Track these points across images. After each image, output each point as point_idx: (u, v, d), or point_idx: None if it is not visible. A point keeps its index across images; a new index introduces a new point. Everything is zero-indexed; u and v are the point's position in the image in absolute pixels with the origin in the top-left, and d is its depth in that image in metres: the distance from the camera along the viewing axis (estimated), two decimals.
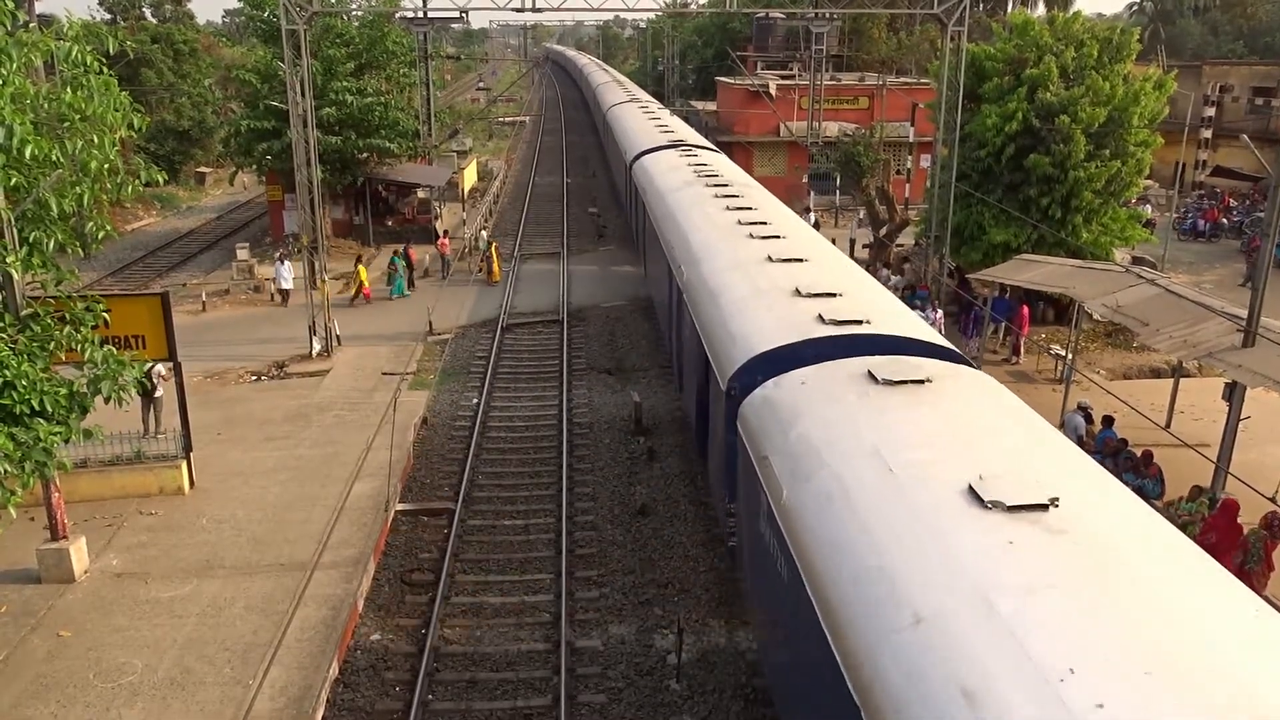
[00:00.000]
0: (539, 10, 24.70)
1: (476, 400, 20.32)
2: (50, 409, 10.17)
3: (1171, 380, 19.07)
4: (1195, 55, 63.24)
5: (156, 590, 13.14)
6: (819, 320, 11.80)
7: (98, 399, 10.81)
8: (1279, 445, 17.08)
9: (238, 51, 61.82)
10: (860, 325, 11.52)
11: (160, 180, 12.50)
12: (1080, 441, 16.59)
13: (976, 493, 7.14)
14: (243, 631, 12.21)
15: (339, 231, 35.12)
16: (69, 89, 10.45)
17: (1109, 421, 16.47)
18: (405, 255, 29.76)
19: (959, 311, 24.63)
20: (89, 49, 10.60)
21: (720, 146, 36.27)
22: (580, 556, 14.37)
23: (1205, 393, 18.70)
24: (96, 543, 14.16)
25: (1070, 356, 20.54)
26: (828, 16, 32.28)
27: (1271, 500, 13.29)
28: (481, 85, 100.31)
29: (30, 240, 10.71)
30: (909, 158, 42.02)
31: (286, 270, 27.59)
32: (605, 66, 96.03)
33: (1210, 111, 44.02)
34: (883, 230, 29.19)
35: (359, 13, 35.07)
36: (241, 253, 31.88)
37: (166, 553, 14.10)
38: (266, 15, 32.44)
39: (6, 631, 12.26)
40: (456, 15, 29.24)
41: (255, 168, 36.05)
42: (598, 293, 28.89)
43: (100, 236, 11.68)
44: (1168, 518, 10.13)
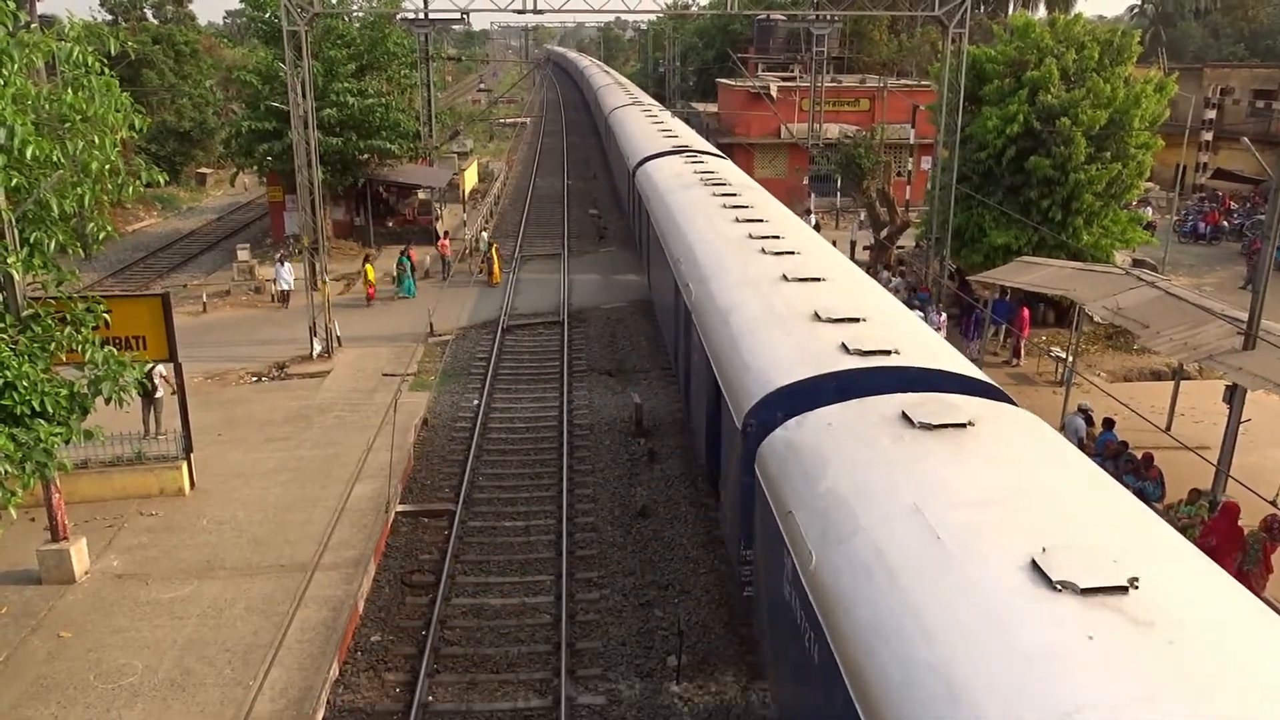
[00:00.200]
0: (540, 12, 24.69)
1: (477, 401, 20.33)
2: (51, 410, 10.18)
3: (1172, 383, 19.06)
4: (1196, 58, 63.25)
5: (157, 591, 13.15)
6: (843, 350, 11.07)
7: (98, 400, 10.81)
8: (1279, 448, 17.08)
9: (239, 52, 61.87)
10: (888, 356, 10.82)
11: (161, 181, 12.51)
12: (1081, 444, 16.61)
13: (1042, 569, 6.28)
14: (243, 632, 12.22)
15: (340, 233, 35.13)
16: (70, 90, 10.43)
17: (1109, 424, 16.48)
18: (407, 256, 29.77)
19: (960, 314, 24.64)
20: (90, 50, 10.60)
21: (721, 148, 36.28)
22: (581, 558, 14.38)
23: (1206, 395, 18.69)
24: (97, 544, 14.17)
25: (1071, 359, 20.54)
26: (829, 18, 32.23)
27: (1272, 504, 13.32)
28: (482, 87, 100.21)
29: (31, 241, 10.72)
30: (910, 160, 42.04)
31: (286, 272, 27.58)
32: (606, 68, 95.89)
33: (1211, 114, 44.00)
34: (883, 232, 29.19)
35: (360, 14, 35.14)
36: (242, 254, 31.88)
37: (167, 554, 14.11)
38: (268, 16, 32.46)
39: (7, 632, 12.26)
40: (457, 17, 29.29)
41: (256, 169, 36.07)
42: (598, 294, 28.89)
43: (101, 237, 11.67)
44: (1168, 521, 10.16)
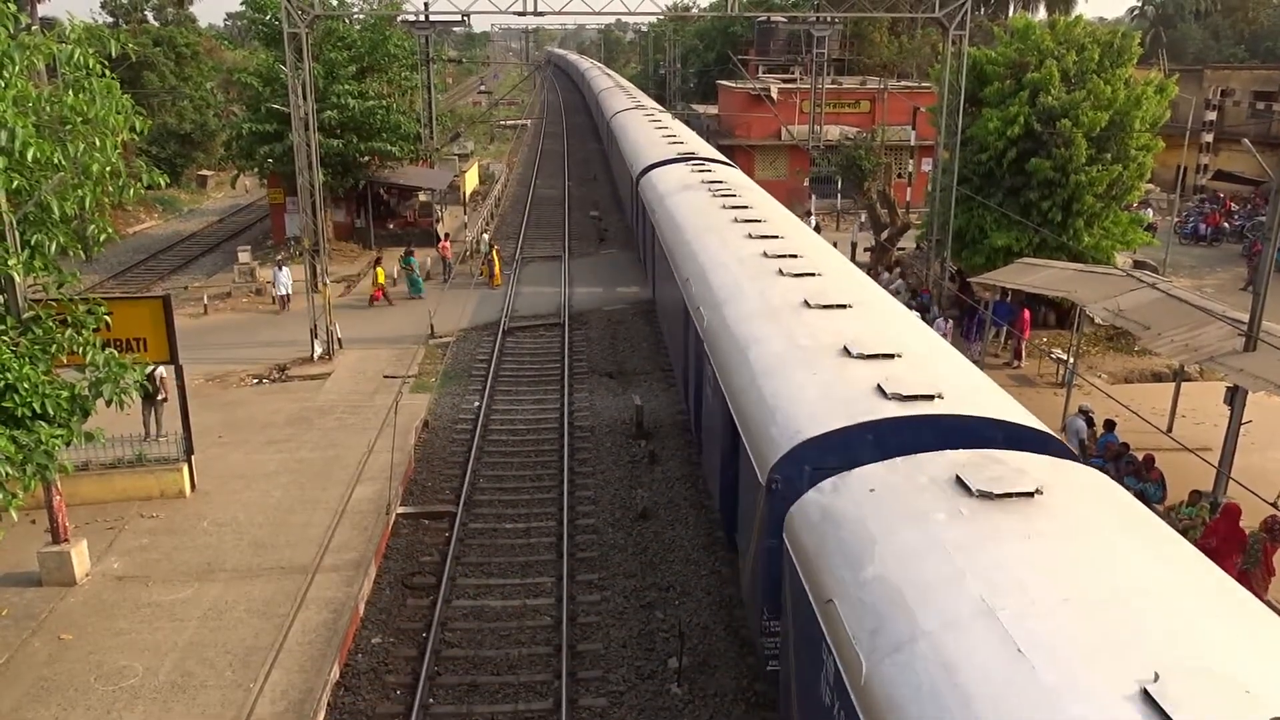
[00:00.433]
0: (540, 14, 24.69)
1: (478, 403, 20.32)
2: (52, 412, 10.18)
3: (1173, 384, 19.04)
4: (1196, 59, 63.30)
5: (158, 593, 13.15)
6: (879, 393, 9.85)
7: (99, 401, 10.82)
8: None
9: (240, 54, 61.83)
10: (931, 402, 9.65)
11: (162, 183, 12.52)
12: (1082, 446, 16.62)
13: (1158, 703, 5.21)
14: (244, 635, 12.21)
15: (340, 234, 35.16)
16: (71, 92, 10.44)
17: (1110, 426, 16.48)
18: (412, 257, 29.78)
19: (960, 315, 24.63)
20: (91, 52, 10.61)
21: (722, 150, 36.25)
22: (581, 560, 14.38)
23: (1207, 397, 18.67)
24: (98, 546, 14.17)
25: (1072, 360, 20.52)
26: (829, 20, 32.29)
27: (1273, 505, 13.31)
28: (483, 88, 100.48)
29: (32, 243, 10.72)
30: (910, 161, 42.08)
31: (285, 276, 27.53)
32: (607, 70, 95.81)
33: (1211, 116, 43.98)
34: (884, 234, 29.20)
35: (360, 16, 35.20)
36: (243, 256, 31.89)
37: (168, 556, 14.11)
38: (268, 18, 32.49)
39: (8, 634, 12.26)
40: (458, 19, 29.27)
41: (257, 171, 36.08)
42: (599, 296, 28.90)
43: (102, 239, 11.68)
44: (1169, 522, 10.15)
